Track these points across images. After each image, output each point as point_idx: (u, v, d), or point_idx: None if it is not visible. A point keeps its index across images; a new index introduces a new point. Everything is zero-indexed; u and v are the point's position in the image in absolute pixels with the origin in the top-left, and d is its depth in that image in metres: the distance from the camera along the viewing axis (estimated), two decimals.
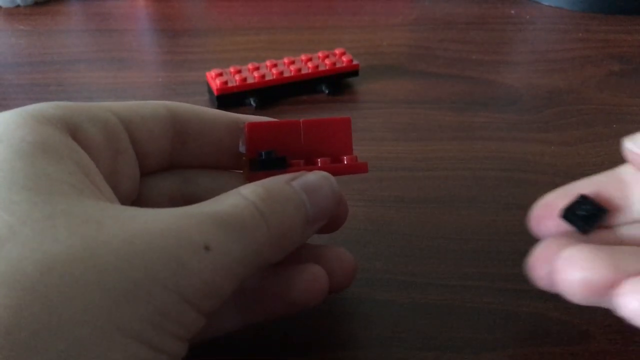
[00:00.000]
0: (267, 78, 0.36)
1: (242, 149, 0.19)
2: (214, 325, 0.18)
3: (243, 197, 0.16)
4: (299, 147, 0.19)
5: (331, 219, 0.19)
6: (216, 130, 0.20)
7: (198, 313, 0.14)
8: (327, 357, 0.20)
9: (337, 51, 0.38)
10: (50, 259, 0.12)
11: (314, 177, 0.17)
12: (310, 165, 0.19)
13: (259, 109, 0.36)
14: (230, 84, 0.35)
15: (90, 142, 0.16)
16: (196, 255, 0.13)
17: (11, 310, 0.11)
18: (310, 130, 0.20)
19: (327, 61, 0.37)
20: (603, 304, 0.17)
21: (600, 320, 0.21)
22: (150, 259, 0.13)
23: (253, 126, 0.19)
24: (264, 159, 0.18)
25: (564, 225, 0.19)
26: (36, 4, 0.51)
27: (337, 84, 0.37)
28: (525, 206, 0.27)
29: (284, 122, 0.20)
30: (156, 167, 0.20)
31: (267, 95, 0.36)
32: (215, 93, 0.35)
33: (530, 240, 0.25)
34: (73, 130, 0.16)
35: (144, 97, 0.37)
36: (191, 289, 0.13)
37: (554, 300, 0.22)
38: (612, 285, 0.16)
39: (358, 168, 0.20)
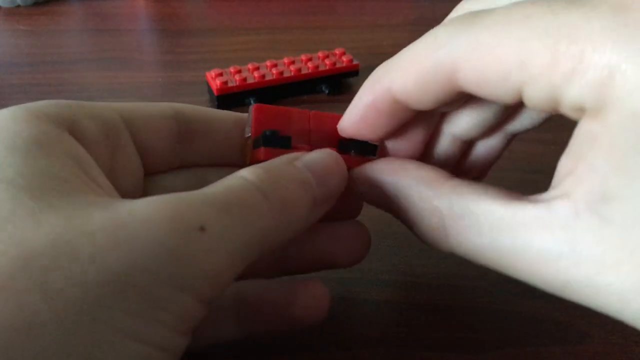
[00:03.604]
0: (267, 78, 0.35)
1: (247, 132, 0.19)
2: (212, 334, 0.18)
3: (241, 177, 0.15)
4: (306, 135, 0.19)
5: (348, 205, 0.18)
6: (223, 127, 0.20)
7: (197, 302, 0.13)
8: (327, 357, 0.20)
9: (337, 51, 0.38)
10: (29, 253, 0.11)
11: (319, 155, 0.17)
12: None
13: None
14: (230, 84, 0.35)
15: (88, 137, 0.16)
16: (190, 238, 0.13)
17: None
18: (319, 122, 0.19)
19: (327, 61, 0.37)
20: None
21: (601, 321, 0.21)
22: (138, 246, 0.12)
23: (260, 107, 0.18)
24: (268, 135, 0.17)
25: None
26: (36, 4, 0.51)
27: (337, 84, 0.37)
28: None
29: (293, 109, 0.19)
30: (164, 166, 0.20)
31: (267, 95, 0.36)
32: (215, 93, 0.35)
33: None
34: (71, 126, 0.16)
35: (144, 97, 0.37)
36: (187, 276, 0.12)
37: (555, 300, 0.22)
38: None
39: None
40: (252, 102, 0.35)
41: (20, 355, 0.11)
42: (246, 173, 0.15)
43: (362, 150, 0.18)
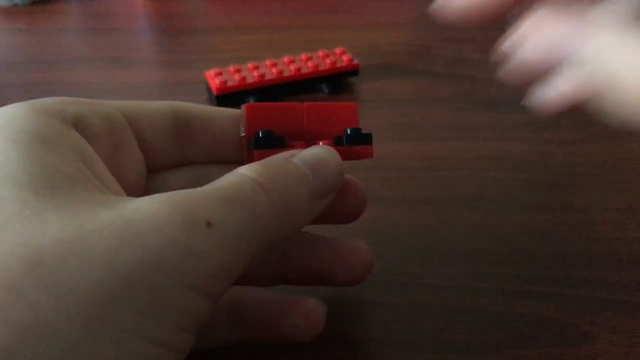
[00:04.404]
0: (267, 77, 0.35)
1: (242, 132, 0.19)
2: (206, 338, 0.18)
3: (241, 174, 0.15)
4: (300, 131, 0.19)
5: (348, 208, 0.19)
6: (221, 123, 0.20)
7: (204, 298, 0.13)
8: (327, 357, 0.20)
9: (337, 50, 0.38)
10: (38, 253, 0.11)
11: (315, 151, 0.17)
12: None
13: None
14: (229, 84, 0.35)
15: (92, 133, 0.16)
16: (198, 233, 0.13)
17: None
18: (313, 114, 0.19)
19: (327, 60, 0.37)
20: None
21: (603, 322, 0.21)
22: (146, 244, 0.12)
23: (252, 107, 0.18)
24: (261, 137, 0.18)
25: None
26: (34, 3, 0.51)
27: (337, 83, 0.37)
28: (526, 206, 0.27)
29: (285, 104, 0.19)
30: (165, 163, 0.20)
31: (267, 94, 0.36)
32: (215, 93, 0.35)
33: (531, 241, 0.25)
34: (75, 121, 0.16)
35: (142, 96, 0.37)
36: (195, 273, 0.13)
37: (556, 301, 0.22)
38: None
39: (362, 152, 0.19)
40: (251, 102, 0.35)
41: (30, 356, 0.11)
42: (245, 170, 0.15)
43: (357, 140, 0.18)
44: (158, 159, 0.19)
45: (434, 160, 0.31)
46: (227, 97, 0.35)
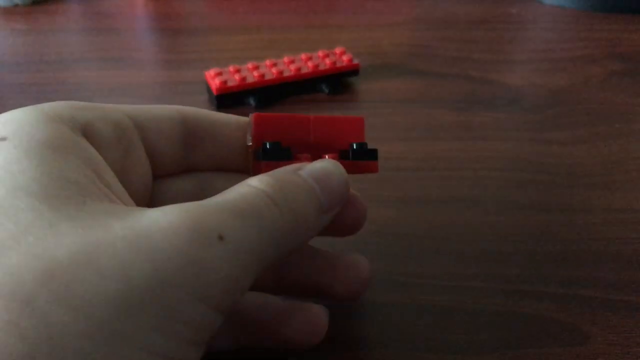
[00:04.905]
0: (267, 77, 0.35)
1: (249, 141, 0.19)
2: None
3: (252, 186, 0.15)
4: (307, 143, 0.19)
5: (349, 222, 0.19)
6: (228, 130, 0.20)
7: (215, 312, 0.13)
8: (326, 357, 0.20)
9: (337, 50, 0.38)
10: (52, 266, 0.11)
11: (321, 164, 0.17)
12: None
13: (259, 109, 0.35)
14: (229, 84, 0.35)
15: (101, 140, 0.16)
16: (210, 247, 0.13)
17: (7, 325, 0.11)
18: (320, 127, 0.19)
19: (327, 60, 0.37)
20: None
21: (603, 322, 0.21)
22: (158, 258, 0.12)
23: (260, 117, 0.18)
24: (268, 149, 0.18)
25: None
26: (34, 3, 0.51)
27: (337, 83, 0.37)
28: (526, 206, 0.27)
29: (293, 115, 0.19)
30: (171, 169, 0.19)
31: (267, 94, 0.36)
32: (215, 92, 0.35)
33: (531, 241, 0.25)
34: (84, 128, 0.16)
35: (142, 96, 0.37)
36: (206, 286, 0.13)
37: (556, 301, 0.22)
38: None
39: (367, 167, 0.19)
40: (251, 102, 0.35)
41: None
42: (256, 182, 0.15)
43: (362, 155, 0.18)
44: (164, 164, 0.19)
45: (434, 160, 0.31)
46: (227, 97, 0.35)
